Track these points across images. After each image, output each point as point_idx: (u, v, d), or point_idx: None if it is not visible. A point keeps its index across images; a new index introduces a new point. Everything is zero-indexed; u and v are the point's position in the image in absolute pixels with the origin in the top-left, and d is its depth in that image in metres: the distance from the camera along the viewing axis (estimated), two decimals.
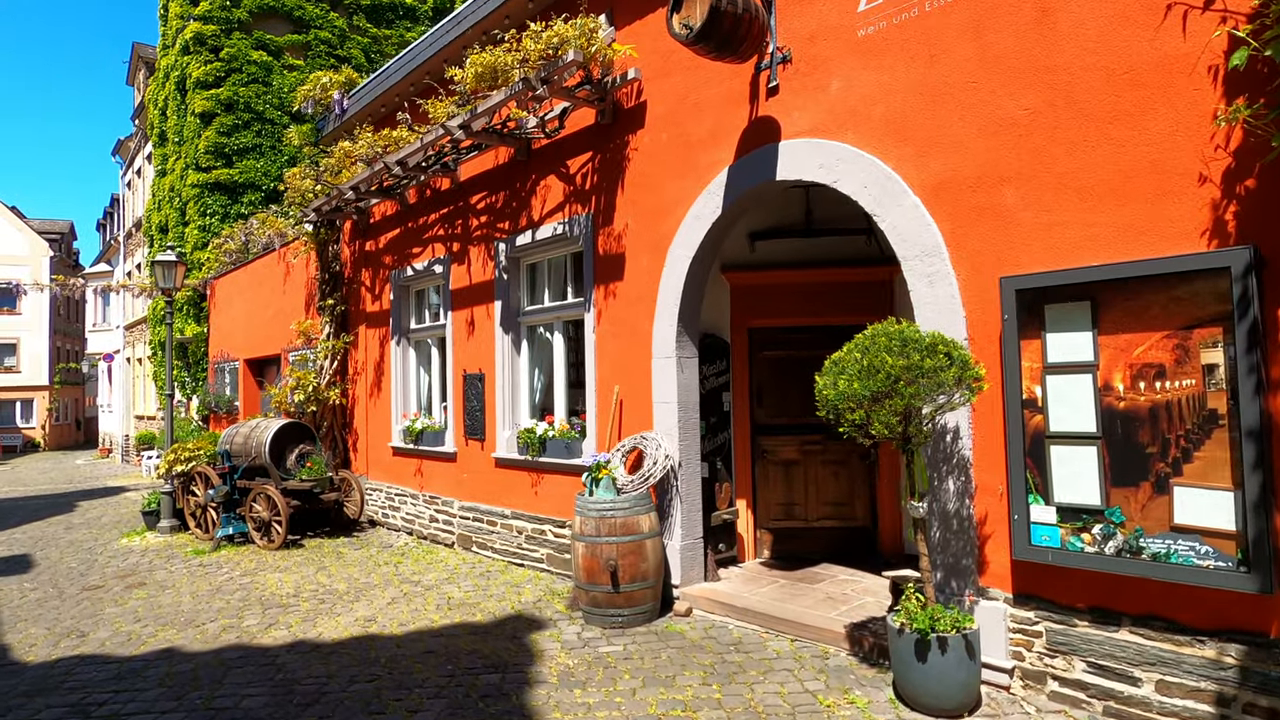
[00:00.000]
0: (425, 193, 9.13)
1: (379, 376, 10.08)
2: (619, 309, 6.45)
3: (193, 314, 17.39)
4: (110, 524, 11.84)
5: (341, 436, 10.76)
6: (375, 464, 10.15)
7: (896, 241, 4.55)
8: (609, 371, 6.53)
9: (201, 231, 17.08)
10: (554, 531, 7.10)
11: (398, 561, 8.07)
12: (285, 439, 9.53)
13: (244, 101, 17.18)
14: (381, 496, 9.97)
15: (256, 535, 9.14)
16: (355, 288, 10.63)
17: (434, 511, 8.87)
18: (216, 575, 7.84)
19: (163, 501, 10.42)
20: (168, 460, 10.19)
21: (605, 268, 6.59)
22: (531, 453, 7.26)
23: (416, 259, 9.27)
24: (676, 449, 5.88)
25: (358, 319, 10.58)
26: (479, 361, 8.13)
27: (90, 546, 9.95)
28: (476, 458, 8.16)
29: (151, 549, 9.48)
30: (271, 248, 13.38)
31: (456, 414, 8.48)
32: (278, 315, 13.09)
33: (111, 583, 7.83)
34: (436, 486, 8.86)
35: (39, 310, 40.08)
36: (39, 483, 20.56)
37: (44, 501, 15.65)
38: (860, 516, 6.80)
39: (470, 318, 8.30)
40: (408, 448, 9.33)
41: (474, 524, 8.18)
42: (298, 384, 10.22)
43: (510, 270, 7.79)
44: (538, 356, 7.88)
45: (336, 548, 8.92)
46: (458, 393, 8.46)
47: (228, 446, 9.80)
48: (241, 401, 14.80)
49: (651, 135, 6.19)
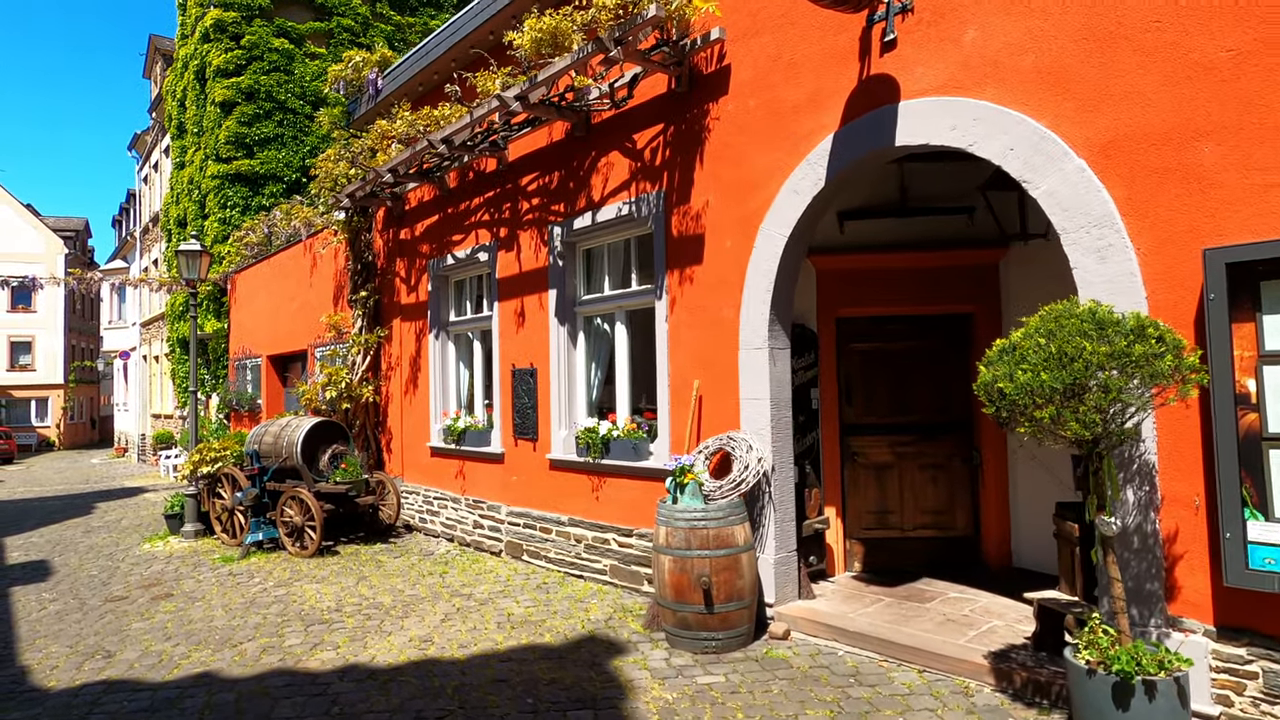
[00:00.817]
0: (468, 176, 8.54)
1: (415, 372, 9.50)
2: (697, 295, 5.83)
3: (212, 309, 16.88)
4: (130, 527, 11.32)
5: (374, 436, 10.19)
6: (411, 465, 9.57)
7: (1055, 211, 3.90)
8: (686, 365, 5.91)
9: (222, 224, 16.57)
10: (618, 541, 6.48)
11: (442, 571, 7.47)
12: (317, 439, 8.96)
13: (265, 90, 16.66)
14: (418, 500, 9.39)
15: (288, 541, 8.57)
16: (389, 279, 10.05)
17: (478, 517, 8.28)
18: (249, 585, 7.27)
19: (187, 504, 9.88)
20: (192, 461, 9.65)
21: (680, 250, 5.97)
22: (593, 454, 6.65)
23: (457, 247, 8.68)
24: (769, 451, 5.25)
25: (392, 312, 10.00)
26: (530, 355, 7.53)
27: (111, 552, 9.41)
28: (527, 459, 7.56)
29: (176, 555, 8.93)
30: (297, 238, 12.83)
31: (504, 412, 7.88)
32: (303, 309, 12.53)
33: (136, 593, 7.28)
34: (481, 490, 8.27)
35: (54, 308, 39.80)
36: (55, 483, 20.13)
37: (60, 503, 15.18)
38: (961, 525, 6.15)
39: (519, 308, 7.70)
40: (448, 448, 8.74)
41: (524, 531, 7.58)
42: (330, 380, 9.65)
43: (566, 256, 7.19)
44: (595, 349, 7.27)
45: (374, 555, 8.34)
46: (505, 389, 7.86)
47: (256, 446, 9.24)
48: (264, 399, 14.26)
49: (736, 102, 5.57)
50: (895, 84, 4.58)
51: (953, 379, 6.17)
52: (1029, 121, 3.99)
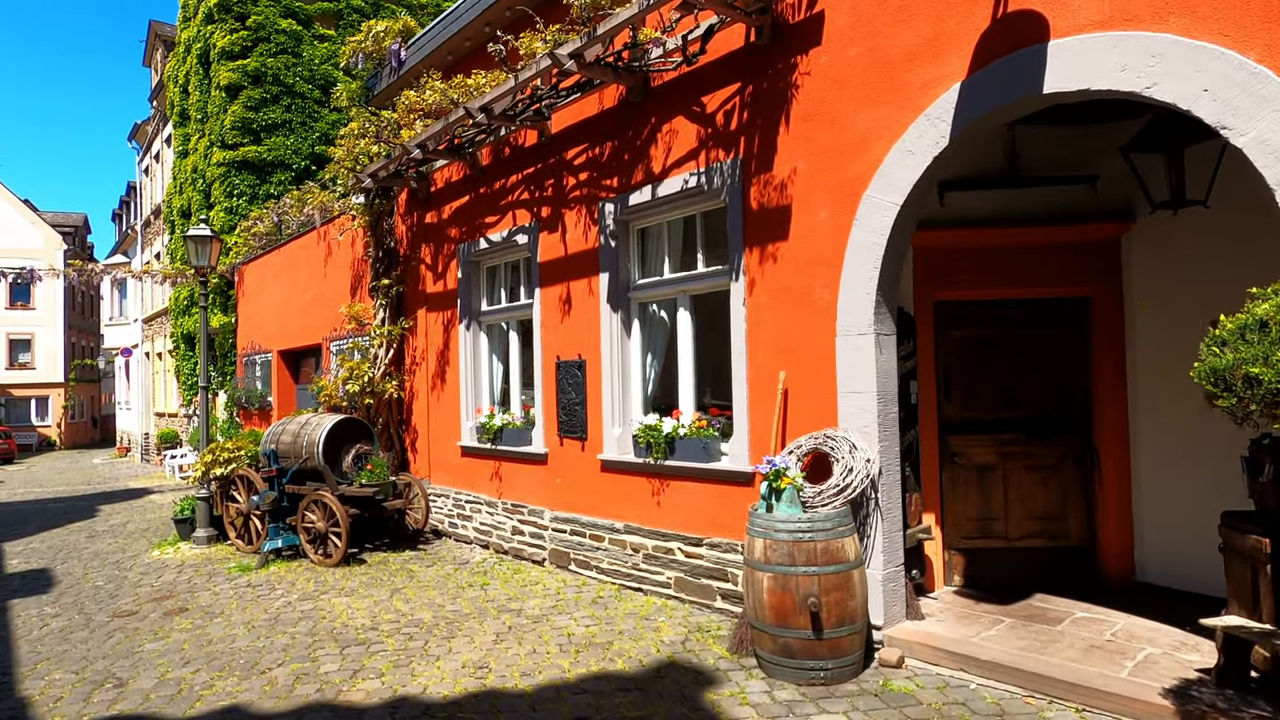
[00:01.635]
0: (503, 152, 7.85)
1: (443, 366, 8.82)
2: (783, 276, 5.16)
3: (219, 303, 16.20)
4: (137, 532, 10.65)
5: (398, 434, 9.52)
6: (440, 466, 8.90)
7: (1269, 162, 3.23)
8: (768, 354, 5.24)
9: (228, 214, 15.88)
10: (685, 551, 5.82)
11: (483, 583, 6.81)
12: (339, 438, 8.29)
13: (272, 73, 15.96)
14: (448, 504, 8.72)
15: (310, 549, 7.91)
16: (413, 266, 9.37)
17: (517, 522, 7.61)
18: (271, 599, 6.61)
19: (198, 508, 9.21)
20: (204, 462, 8.97)
21: (761, 225, 5.30)
22: (655, 454, 5.98)
23: (491, 229, 8.00)
24: (876, 452, 4.58)
25: (416, 301, 9.32)
26: (577, 346, 6.86)
27: (118, 560, 8.75)
28: (575, 460, 6.89)
29: (188, 564, 8.26)
30: (310, 226, 12.15)
31: (547, 409, 7.21)
32: (318, 301, 11.86)
33: (147, 607, 6.62)
34: (521, 493, 7.60)
35: (53, 305, 39.10)
36: (56, 484, 19.47)
37: (63, 505, 14.52)
38: (1074, 534, 5.48)
39: (565, 295, 7.03)
40: (482, 448, 8.07)
41: (572, 539, 6.91)
42: (351, 374, 8.98)
43: (619, 236, 6.51)
44: (652, 339, 6.60)
45: (404, 564, 7.68)
46: (548, 383, 7.19)
47: (273, 446, 8.57)
48: (275, 396, 13.59)
49: (832, 53, 4.89)
50: (1043, 20, 3.90)
51: (1064, 370, 5.50)
52: (1231, 55, 3.31)
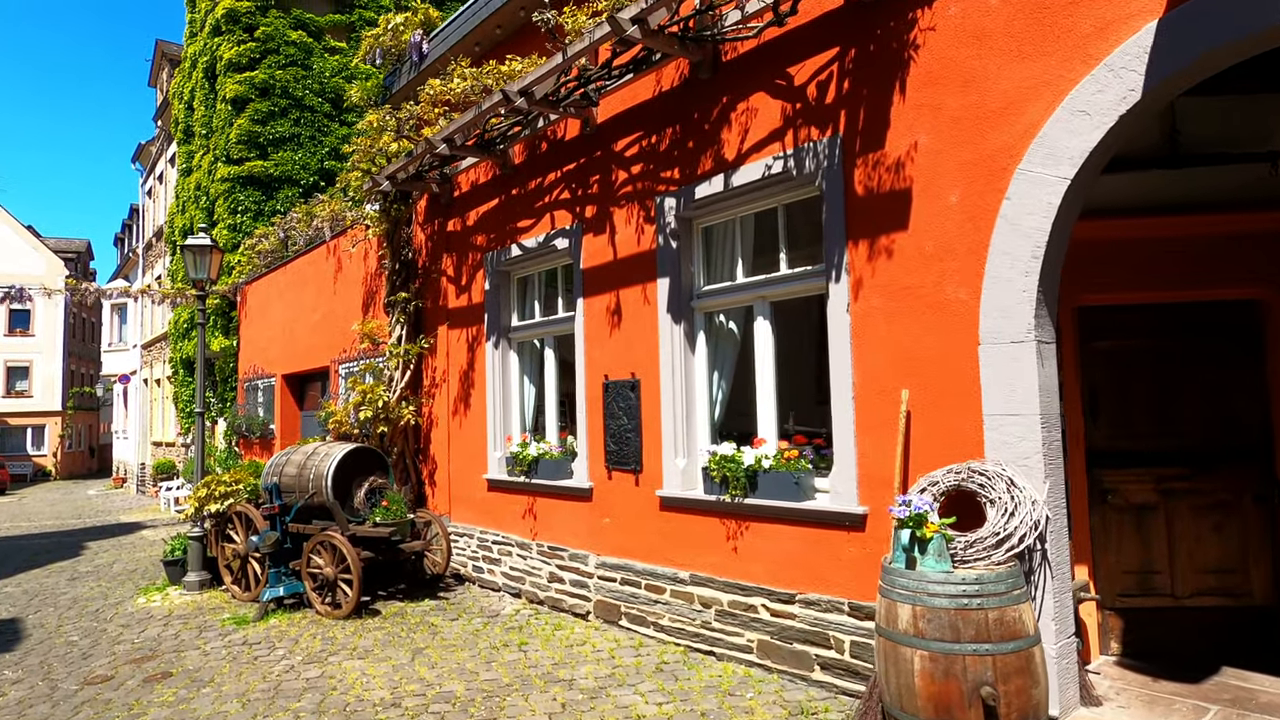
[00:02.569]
0: (539, 148, 6.99)
1: (467, 389, 7.88)
2: (901, 273, 4.23)
3: (220, 325, 15.32)
4: (123, 574, 9.64)
5: (414, 466, 8.54)
6: (462, 502, 7.91)
7: None
8: (882, 369, 4.30)
9: (232, 232, 15.07)
10: (771, 609, 4.82)
11: (520, 642, 5.79)
12: (350, 470, 7.32)
13: (281, 86, 15.26)
14: (471, 544, 7.72)
15: (316, 598, 6.89)
16: (433, 278, 8.47)
17: (555, 568, 6.61)
18: (271, 661, 5.60)
19: (190, 549, 8.22)
20: (198, 496, 7.99)
21: (869, 213, 4.39)
22: (732, 491, 5.01)
23: (525, 234, 7.11)
24: (1043, 491, 3.62)
25: (436, 318, 8.41)
26: (630, 363, 5.92)
27: (98, 609, 7.73)
28: (627, 496, 5.91)
29: (177, 614, 7.25)
30: (319, 240, 11.29)
31: (593, 436, 6.25)
32: (326, 320, 10.95)
33: (124, 670, 5.61)
34: (559, 534, 6.61)
35: (53, 331, 38.34)
36: (45, 517, 18.44)
37: (47, 542, 13.50)
38: (1258, 591, 4.47)
39: (614, 304, 6.11)
40: (513, 481, 7.09)
41: (623, 589, 5.91)
42: (364, 398, 8.03)
43: (680, 235, 5.61)
44: (720, 354, 5.66)
45: (424, 616, 6.66)
46: (594, 408, 6.24)
47: (275, 479, 7.60)
48: (278, 424, 12.63)
49: (964, 2, 4.02)
50: None
51: (1236, 388, 4.54)
52: None
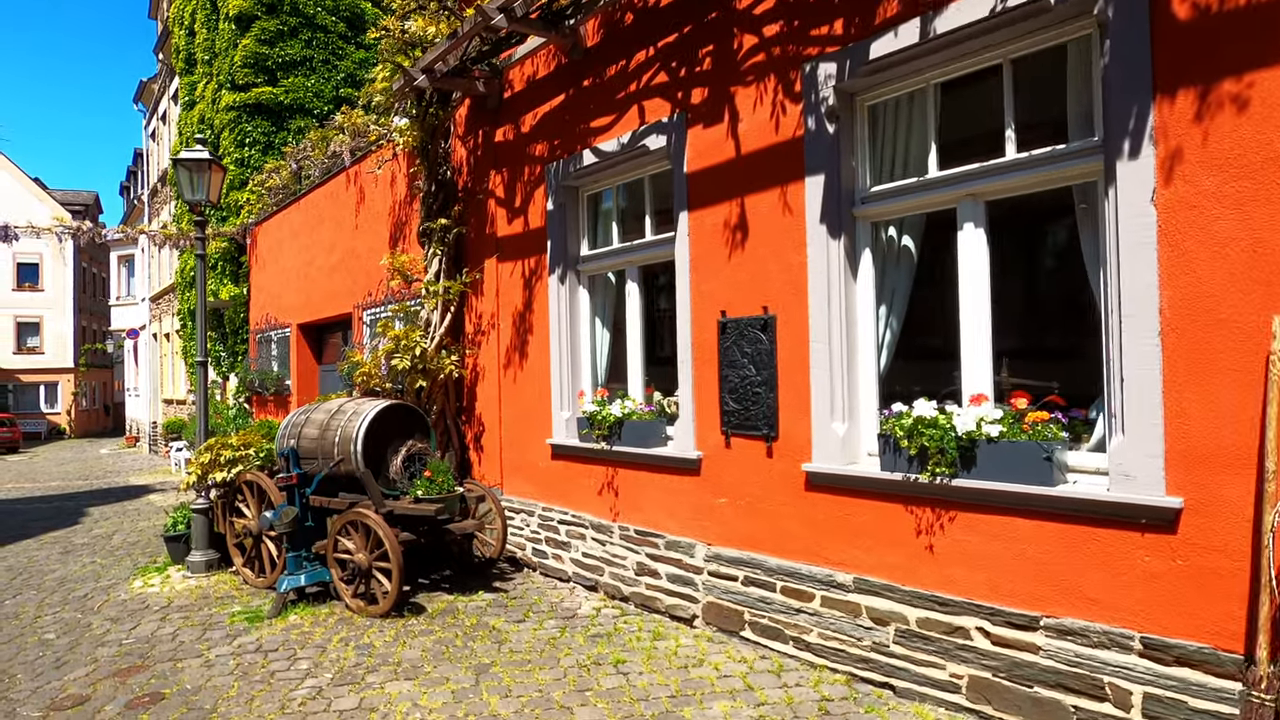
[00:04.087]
0: (621, 18, 5.43)
1: (523, 334, 6.44)
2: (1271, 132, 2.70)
3: (229, 271, 13.92)
4: (122, 548, 8.38)
5: (456, 427, 7.15)
6: (518, 471, 6.53)
7: None
8: (1226, 286, 2.80)
9: (239, 167, 13.58)
10: (994, 634, 3.40)
11: (615, 659, 4.42)
12: (383, 432, 5.94)
13: (290, 2, 13.60)
14: (531, 523, 6.35)
15: (345, 589, 5.56)
16: (478, 201, 6.98)
17: (646, 558, 5.22)
18: (291, 681, 4.27)
19: (194, 523, 6.91)
20: (200, 462, 6.65)
21: (1197, 43, 2.85)
22: (936, 468, 3.55)
23: (601, 136, 5.59)
24: None
25: (482, 249, 6.93)
26: (760, 295, 4.44)
27: (86, 594, 6.46)
28: (755, 470, 4.49)
29: (177, 604, 5.96)
30: (338, 167, 9.78)
31: (702, 392, 4.80)
32: (347, 261, 9.51)
33: (104, 689, 4.32)
34: (651, 515, 5.21)
35: (62, 286, 37.23)
36: (52, 478, 17.36)
37: (48, 507, 12.32)
38: None
39: (734, 217, 4.61)
40: (588, 448, 5.68)
41: (746, 591, 4.51)
42: (397, 345, 6.60)
43: (841, 116, 4.08)
44: (890, 281, 4.17)
45: (480, 614, 5.31)
46: (703, 355, 4.78)
47: (293, 443, 6.23)
48: (294, 379, 11.29)
49: None
50: None
51: None
52: None
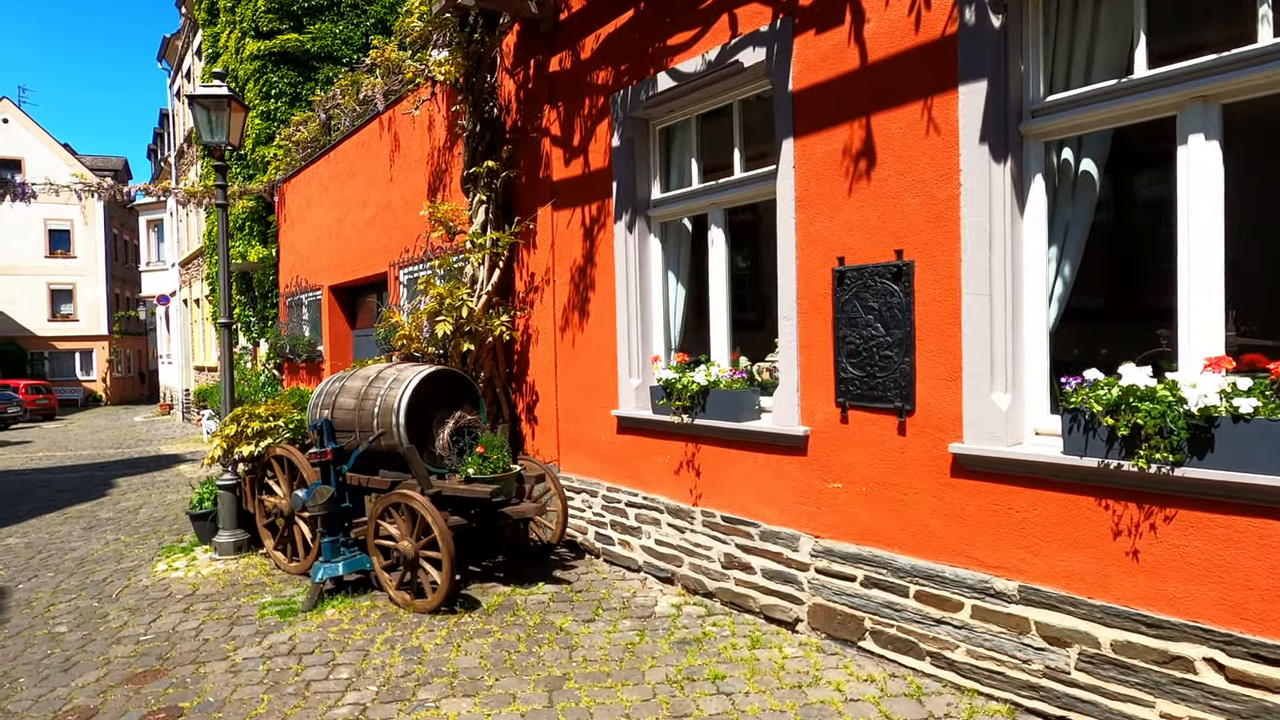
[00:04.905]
0: None
1: (583, 291, 5.67)
2: None
3: (256, 232, 13.30)
4: (148, 524, 7.86)
5: (506, 396, 6.43)
6: (578, 446, 5.81)
7: None
8: None
9: (264, 120, 12.87)
10: (1233, 670, 2.61)
11: (712, 673, 3.70)
12: (427, 401, 5.24)
13: None
14: (594, 505, 5.64)
15: (388, 579, 4.90)
16: (530, 141, 6.17)
17: (736, 549, 4.48)
18: (330, 695, 3.62)
19: (221, 501, 6.31)
20: (225, 435, 6.02)
21: None
22: (1155, 452, 2.74)
23: (680, 55, 4.74)
24: None
25: (534, 195, 6.15)
26: (892, 236, 3.62)
27: (105, 577, 5.91)
28: (881, 449, 3.70)
29: (202, 591, 5.36)
30: (371, 113, 9.02)
31: (811, 356, 4.01)
32: (382, 216, 8.79)
33: (115, 695, 3.72)
34: (742, 500, 4.45)
35: (94, 253, 37.16)
36: (85, 446, 17.10)
37: (77, 477, 11.93)
38: None
39: (857, 142, 3.76)
40: (664, 421, 4.92)
41: (868, 594, 3.76)
42: (442, 305, 5.87)
43: (1008, 5, 3.20)
44: (1065, 218, 3.32)
45: (543, 611, 4.62)
46: (812, 311, 3.98)
47: (327, 414, 5.55)
48: (326, 344, 10.67)
49: None
50: None
51: None
52: None
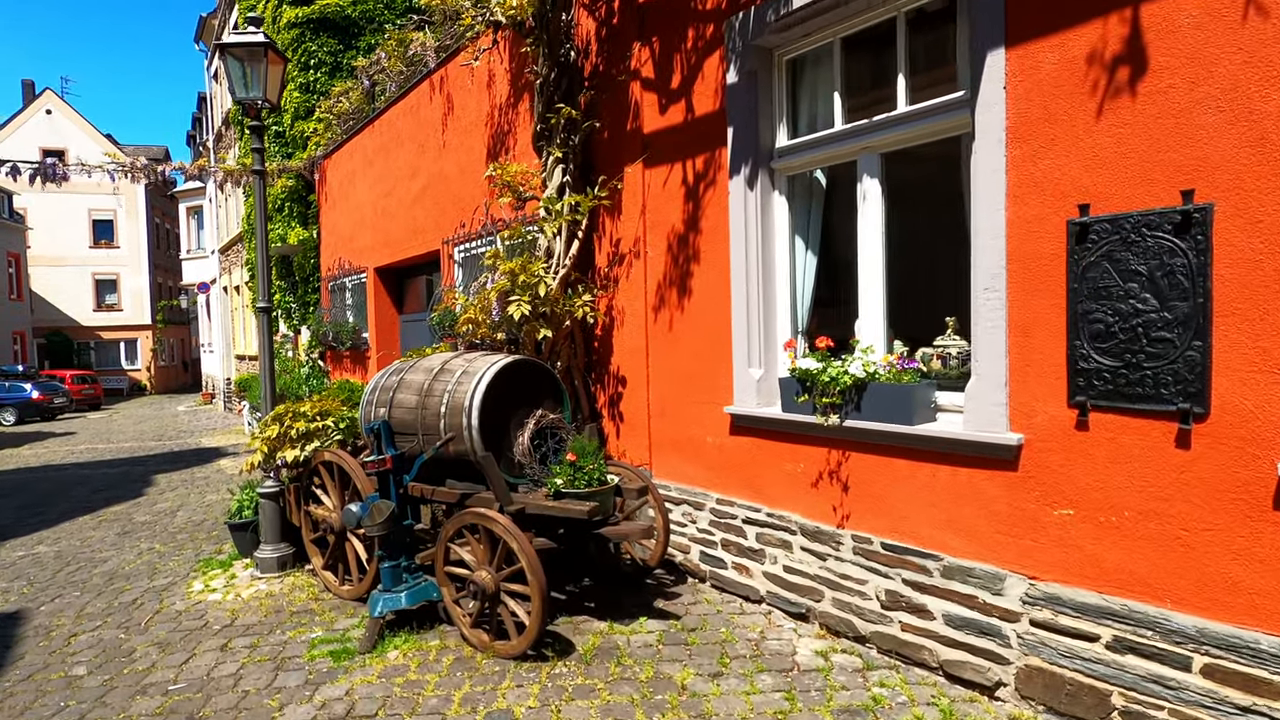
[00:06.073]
0: None
1: (682, 264, 4.71)
2: None
3: (296, 213, 12.55)
4: (185, 529, 7.13)
5: (585, 388, 5.52)
6: (675, 448, 4.86)
7: None
8: None
9: (303, 94, 12.09)
10: None
11: None
12: (502, 397, 4.34)
13: None
14: (701, 518, 4.70)
15: (461, 615, 4.02)
16: (615, 87, 5.21)
17: (901, 585, 3.50)
18: None
19: (263, 511, 5.50)
20: (265, 437, 5.18)
21: None
22: None
23: None
24: None
25: (620, 152, 5.19)
26: (1175, 172, 2.59)
27: (135, 597, 5.15)
28: (1141, 464, 2.68)
29: (240, 622, 4.55)
30: (421, 73, 8.12)
31: (1026, 338, 3.00)
32: (432, 188, 7.91)
33: None
34: (913, 524, 3.47)
35: (137, 243, 37.18)
36: (127, 437, 16.67)
37: (115, 473, 11.35)
38: None
39: (1112, 45, 2.73)
40: (794, 421, 3.94)
41: (1120, 660, 2.76)
42: (515, 283, 4.94)
43: None
44: None
45: (654, 656, 3.70)
46: (1031, 278, 2.97)
47: (383, 413, 4.68)
48: (372, 331, 9.87)
49: None
50: None
51: None
52: None
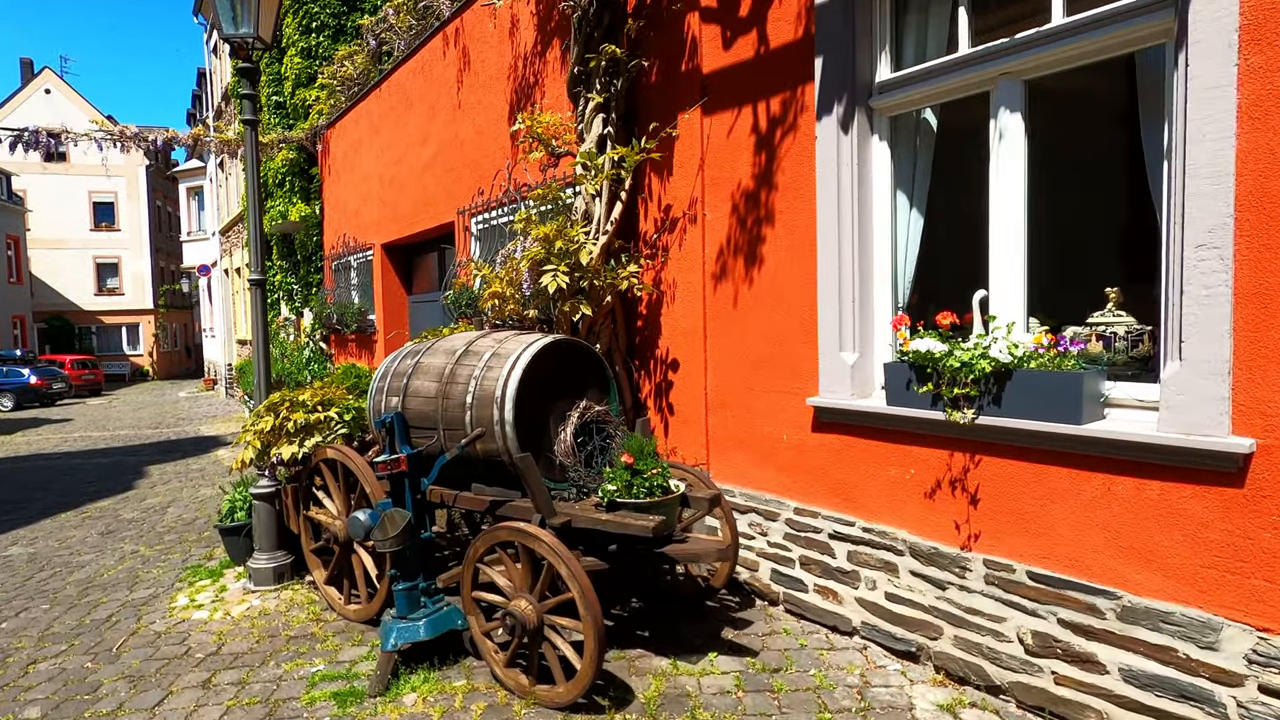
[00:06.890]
0: None
1: (751, 227, 3.95)
2: None
3: (298, 188, 11.79)
4: (173, 530, 6.43)
5: (628, 373, 4.77)
6: (737, 444, 4.12)
7: None
8: None
9: (305, 59, 11.31)
10: None
11: None
12: (540, 384, 3.60)
13: None
14: (774, 531, 3.96)
15: (493, 651, 3.29)
16: (665, 20, 4.43)
17: (1056, 627, 2.75)
18: None
19: (256, 514, 4.78)
20: (257, 430, 4.45)
21: None
22: None
23: None
24: None
25: (672, 97, 4.42)
26: None
27: (111, 612, 4.45)
28: None
29: (228, 649, 3.84)
30: (433, 27, 7.33)
31: (1257, 311, 2.25)
32: (446, 153, 7.14)
33: None
34: (1073, 550, 2.72)
35: (138, 226, 36.49)
36: (124, 425, 16.02)
37: (108, 462, 10.68)
38: None
39: None
40: (907, 416, 3.18)
41: None
42: (549, 252, 4.19)
43: None
44: None
45: (734, 711, 2.97)
46: (1265, 232, 2.21)
47: (395, 403, 3.94)
48: (379, 312, 9.13)
49: None
50: None
51: None
52: None
